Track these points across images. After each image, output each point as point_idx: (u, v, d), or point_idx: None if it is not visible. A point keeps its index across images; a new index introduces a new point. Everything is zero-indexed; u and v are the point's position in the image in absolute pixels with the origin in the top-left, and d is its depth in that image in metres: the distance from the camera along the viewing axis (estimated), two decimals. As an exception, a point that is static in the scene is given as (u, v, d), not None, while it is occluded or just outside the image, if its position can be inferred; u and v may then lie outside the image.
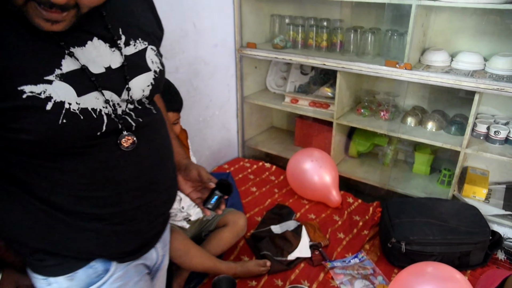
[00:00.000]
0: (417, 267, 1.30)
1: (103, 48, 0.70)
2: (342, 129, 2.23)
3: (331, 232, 1.86)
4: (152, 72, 0.78)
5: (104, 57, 0.70)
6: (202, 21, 2.00)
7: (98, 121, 0.68)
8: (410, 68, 1.76)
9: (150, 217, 0.83)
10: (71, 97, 0.65)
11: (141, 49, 0.77)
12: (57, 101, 0.63)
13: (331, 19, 2.18)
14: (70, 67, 0.65)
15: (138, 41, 0.76)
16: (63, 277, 0.76)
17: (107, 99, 0.69)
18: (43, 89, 0.62)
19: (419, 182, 2.13)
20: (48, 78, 0.63)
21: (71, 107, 0.64)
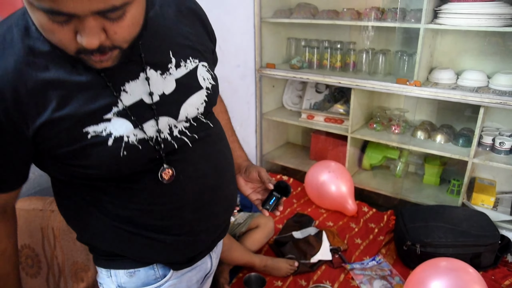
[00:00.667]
0: (431, 262, 1.43)
1: (155, 77, 0.74)
2: (355, 143, 2.38)
3: (349, 238, 1.98)
4: (205, 89, 0.81)
5: (157, 85, 0.74)
6: (227, 44, 2.19)
7: (156, 146, 0.74)
8: (419, 85, 1.92)
9: (210, 227, 0.87)
10: (128, 131, 0.71)
11: (192, 68, 0.80)
12: (117, 136, 0.70)
13: (344, 41, 2.37)
14: (126, 102, 0.71)
15: (189, 60, 0.80)
16: (123, 271, 0.83)
17: (163, 125, 0.75)
18: (104, 127, 0.69)
19: (429, 192, 2.26)
20: (107, 117, 0.69)
21: (129, 140, 0.71)
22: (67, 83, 0.66)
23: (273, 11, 2.41)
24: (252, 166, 1.01)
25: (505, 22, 1.74)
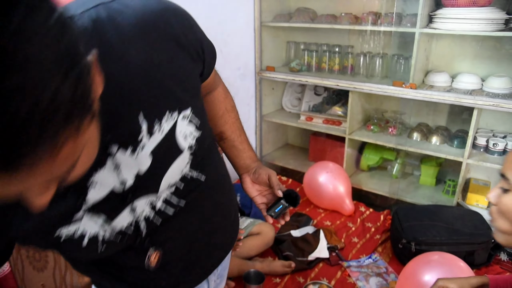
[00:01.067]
0: (423, 256, 1.47)
1: (126, 158, 0.60)
2: (353, 144, 2.43)
3: (346, 237, 2.03)
4: (187, 150, 0.66)
5: (129, 168, 0.61)
6: (228, 47, 2.25)
7: (137, 232, 0.66)
8: (415, 88, 1.98)
9: (205, 266, 0.83)
10: (104, 226, 0.62)
11: (169, 129, 0.63)
12: (91, 235, 0.61)
13: (343, 45, 2.42)
14: (96, 197, 0.60)
15: (165, 118, 0.62)
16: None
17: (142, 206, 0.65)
18: (76, 228, 0.60)
19: (425, 192, 2.31)
20: (77, 217, 0.59)
21: (105, 236, 0.63)
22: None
23: (273, 16, 2.47)
24: (262, 168, 0.94)
25: (498, 26, 1.80)
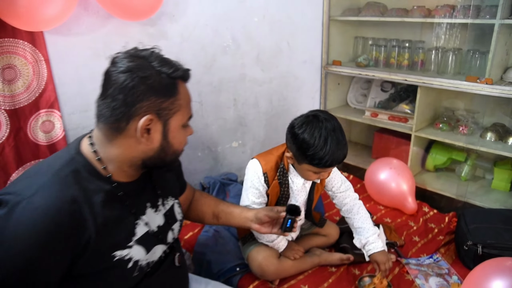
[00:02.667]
0: (494, 261, 1.38)
1: (152, 213, 1.02)
2: (419, 142, 2.35)
3: (406, 235, 1.97)
4: (178, 221, 1.13)
5: (155, 220, 1.02)
6: (295, 40, 2.29)
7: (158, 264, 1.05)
8: (491, 83, 1.87)
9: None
10: (141, 256, 0.95)
11: (171, 205, 1.11)
12: (134, 259, 0.93)
13: (413, 40, 2.35)
14: (140, 233, 0.95)
15: (170, 198, 1.11)
16: None
17: (159, 251, 1.04)
18: (126, 253, 0.91)
19: (498, 197, 2.17)
20: (129, 244, 0.92)
21: (140, 263, 0.95)
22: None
23: (342, 10, 2.47)
24: (257, 213, 1.29)
25: None
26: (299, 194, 1.53)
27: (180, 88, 0.92)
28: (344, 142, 1.32)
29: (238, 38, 2.00)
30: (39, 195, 0.79)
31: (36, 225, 0.76)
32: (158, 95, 0.87)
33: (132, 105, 0.85)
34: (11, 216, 0.77)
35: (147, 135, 0.89)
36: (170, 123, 0.91)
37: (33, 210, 0.77)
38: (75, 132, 1.57)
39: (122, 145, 0.90)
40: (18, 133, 1.44)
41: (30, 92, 1.43)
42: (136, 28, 1.62)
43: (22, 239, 0.76)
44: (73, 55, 1.50)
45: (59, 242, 0.79)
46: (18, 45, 1.37)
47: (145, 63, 0.88)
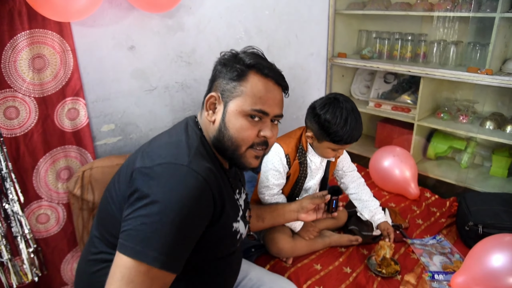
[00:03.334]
0: (494, 237, 1.48)
1: (240, 197, 1.17)
2: (422, 131, 2.45)
3: (410, 218, 2.07)
4: (249, 209, 1.30)
5: (242, 204, 1.19)
6: (303, 32, 2.37)
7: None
8: (491, 74, 1.97)
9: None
10: (243, 230, 1.12)
11: (246, 194, 1.27)
12: (240, 232, 1.11)
13: (415, 33, 2.44)
14: (240, 211, 1.13)
15: (243, 189, 1.25)
16: None
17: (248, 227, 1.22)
18: (237, 225, 1.08)
19: (496, 183, 2.27)
20: (238, 218, 1.10)
21: (242, 236, 1.13)
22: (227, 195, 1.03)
23: (347, 4, 2.55)
24: (301, 203, 1.47)
25: None
26: (317, 172, 1.68)
27: (250, 77, 1.00)
28: (360, 121, 1.48)
29: (250, 30, 2.08)
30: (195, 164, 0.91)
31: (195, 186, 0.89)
32: (226, 77, 1.00)
33: (211, 82, 1.05)
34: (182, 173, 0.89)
35: (212, 112, 1.03)
36: (229, 106, 1.00)
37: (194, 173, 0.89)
38: (98, 119, 1.65)
39: (204, 119, 1.05)
40: (46, 120, 1.50)
41: (57, 80, 1.50)
42: (155, 20, 1.69)
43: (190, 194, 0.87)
44: (97, 45, 1.57)
45: (209, 200, 0.92)
46: (47, 36, 1.43)
47: (234, 53, 1.05)
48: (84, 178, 1.45)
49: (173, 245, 0.84)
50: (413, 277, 1.60)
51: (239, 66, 0.99)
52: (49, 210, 1.57)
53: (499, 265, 1.36)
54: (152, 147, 1.01)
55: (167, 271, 0.84)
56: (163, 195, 0.85)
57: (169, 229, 0.83)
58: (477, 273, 1.40)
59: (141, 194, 0.87)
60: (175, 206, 0.84)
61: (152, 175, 0.89)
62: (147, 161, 0.94)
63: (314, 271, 1.63)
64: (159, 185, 0.87)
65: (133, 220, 0.85)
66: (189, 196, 0.86)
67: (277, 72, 1.05)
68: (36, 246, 1.55)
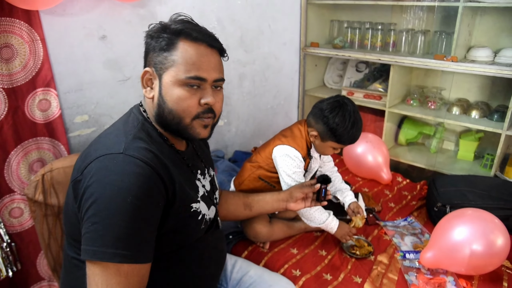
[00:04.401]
0: (458, 212, 1.56)
1: (202, 179, 1.14)
2: (393, 118, 2.53)
3: (383, 202, 2.14)
4: (218, 190, 1.27)
5: (206, 184, 1.15)
6: (276, 22, 2.40)
7: (212, 223, 1.16)
8: (456, 61, 2.05)
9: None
10: (205, 211, 1.07)
11: (212, 175, 1.24)
12: (203, 213, 1.05)
13: (385, 22, 2.51)
14: (201, 192, 1.08)
15: (210, 169, 1.23)
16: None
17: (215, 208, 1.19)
18: (198, 206, 1.03)
19: (463, 166, 2.38)
20: (198, 199, 1.04)
21: (206, 217, 1.07)
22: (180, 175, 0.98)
23: (319, -6, 2.59)
24: (290, 193, 1.48)
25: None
26: (315, 166, 1.79)
27: (180, 45, 0.94)
28: (362, 123, 1.63)
29: (222, 20, 2.08)
30: (132, 150, 0.88)
31: (135, 171, 0.84)
32: (155, 49, 0.96)
33: (144, 58, 1.01)
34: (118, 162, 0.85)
35: (150, 89, 1.00)
36: (163, 78, 0.95)
37: (132, 158, 0.86)
38: (70, 111, 1.62)
39: (146, 100, 1.04)
40: (16, 111, 1.48)
41: (27, 71, 1.47)
42: (127, 10, 1.68)
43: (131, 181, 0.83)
44: (67, 35, 1.54)
45: (156, 182, 0.88)
46: (15, 25, 1.40)
47: (162, 23, 0.98)
48: (44, 182, 1.36)
49: (128, 236, 0.81)
50: (385, 257, 1.67)
51: (166, 35, 0.94)
52: (23, 204, 1.55)
53: (462, 237, 1.44)
54: (90, 144, 0.99)
55: (134, 263, 0.82)
56: (104, 190, 0.82)
57: (120, 221, 0.80)
58: (442, 247, 1.48)
59: (85, 196, 0.84)
60: (118, 197, 0.81)
61: (90, 172, 0.85)
62: (85, 160, 0.90)
63: (291, 255, 1.67)
64: (98, 180, 0.83)
65: (85, 223, 0.83)
66: (132, 183, 0.82)
67: (208, 35, 0.98)
68: (10, 241, 1.53)
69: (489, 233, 1.44)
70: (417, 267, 1.59)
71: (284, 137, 1.68)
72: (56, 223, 1.41)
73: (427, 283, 1.48)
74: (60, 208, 1.39)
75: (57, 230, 1.42)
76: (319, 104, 1.63)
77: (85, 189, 0.85)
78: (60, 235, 1.42)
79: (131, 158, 0.86)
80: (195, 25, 0.99)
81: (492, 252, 1.42)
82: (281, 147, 1.64)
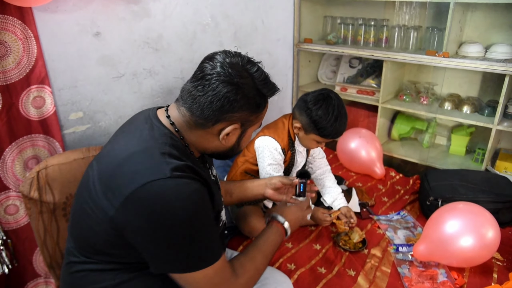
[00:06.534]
0: (449, 205, 1.60)
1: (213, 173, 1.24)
2: (386, 113, 2.55)
3: (376, 197, 2.17)
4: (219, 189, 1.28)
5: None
6: (269, 18, 2.40)
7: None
8: (447, 56, 2.07)
9: None
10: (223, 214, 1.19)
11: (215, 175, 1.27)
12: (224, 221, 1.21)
13: (378, 18, 2.52)
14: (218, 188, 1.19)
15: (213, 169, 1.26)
16: None
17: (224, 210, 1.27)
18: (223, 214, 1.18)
19: (455, 160, 2.41)
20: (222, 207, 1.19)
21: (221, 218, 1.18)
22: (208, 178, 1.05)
23: (312, -10, 2.60)
24: (269, 178, 1.44)
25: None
26: (301, 161, 1.78)
27: (266, 104, 1.05)
28: (347, 118, 1.60)
29: (216, 16, 2.08)
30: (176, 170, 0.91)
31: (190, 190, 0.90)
32: (250, 110, 0.99)
33: (226, 113, 0.96)
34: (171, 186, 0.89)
35: (226, 137, 1.02)
36: (247, 132, 1.07)
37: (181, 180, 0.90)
38: (65, 107, 1.62)
39: (200, 136, 1.02)
40: (10, 108, 1.47)
41: (21, 68, 1.47)
42: (121, 6, 1.67)
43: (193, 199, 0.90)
44: (61, 32, 1.54)
45: (205, 193, 0.96)
46: (8, 21, 1.40)
47: (250, 82, 0.98)
48: (40, 179, 1.35)
49: (212, 242, 0.94)
50: (379, 251, 1.70)
51: (262, 100, 1.02)
52: (18, 201, 1.55)
53: (454, 230, 1.47)
54: (121, 162, 0.94)
55: (220, 258, 0.96)
56: (175, 215, 0.87)
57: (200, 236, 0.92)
58: (434, 240, 1.51)
59: (153, 223, 0.87)
60: (191, 218, 0.89)
61: (145, 199, 0.87)
62: (127, 184, 0.89)
63: (286, 249, 1.69)
64: (163, 206, 0.87)
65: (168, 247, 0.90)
66: (191, 202, 0.89)
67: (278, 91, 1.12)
68: (5, 238, 1.53)
69: (480, 226, 1.47)
70: (409, 260, 1.62)
71: (267, 129, 1.70)
72: (51, 220, 1.42)
73: (420, 275, 1.51)
74: (56, 205, 1.40)
75: (52, 227, 1.43)
76: (304, 96, 1.63)
77: (147, 213, 0.87)
78: (56, 232, 1.43)
79: (180, 179, 0.89)
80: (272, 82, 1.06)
81: (483, 245, 1.46)
82: (262, 138, 1.67)
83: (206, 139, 1.03)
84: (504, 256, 1.64)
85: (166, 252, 0.90)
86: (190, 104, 0.97)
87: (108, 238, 0.94)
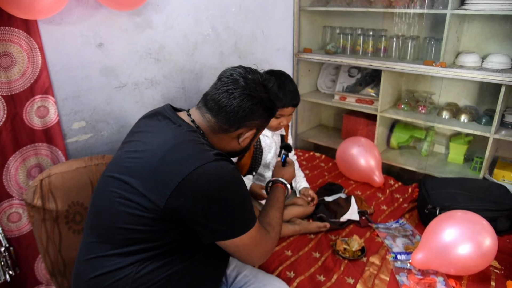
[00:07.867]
0: (447, 214, 1.61)
1: None
2: (384, 122, 2.58)
3: (375, 205, 2.18)
4: None
5: None
6: (269, 29, 2.44)
7: None
8: (445, 66, 2.10)
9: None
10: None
11: None
12: None
13: (376, 29, 2.56)
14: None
15: None
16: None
17: None
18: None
19: (453, 168, 2.43)
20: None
21: None
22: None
23: (311, 1, 2.64)
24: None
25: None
26: (271, 146, 1.91)
27: (277, 112, 1.28)
28: (295, 86, 1.76)
29: (217, 27, 2.12)
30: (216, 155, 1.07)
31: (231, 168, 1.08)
32: (265, 118, 1.22)
33: (247, 120, 1.16)
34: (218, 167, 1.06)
35: (242, 139, 1.21)
36: (258, 133, 1.26)
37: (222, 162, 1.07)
38: (68, 117, 1.65)
39: (221, 139, 1.19)
40: (14, 118, 1.50)
41: (26, 78, 1.50)
42: (123, 18, 1.71)
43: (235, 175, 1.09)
44: (65, 43, 1.57)
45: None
46: (14, 33, 1.43)
47: (266, 95, 1.18)
48: (43, 187, 1.39)
49: (251, 209, 1.13)
50: (377, 259, 1.71)
51: (273, 110, 1.22)
52: (21, 209, 1.57)
53: (452, 238, 1.48)
54: (163, 156, 1.05)
55: (257, 220, 1.15)
56: (227, 192, 1.05)
57: (244, 203, 1.11)
58: (433, 248, 1.52)
59: (210, 200, 1.02)
60: (239, 191, 1.09)
61: (202, 175, 1.01)
62: (177, 172, 1.01)
63: (285, 257, 1.70)
64: (214, 186, 1.02)
65: (216, 216, 1.04)
66: (235, 178, 1.08)
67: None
68: (8, 245, 1.55)
69: (478, 234, 1.48)
70: (408, 268, 1.63)
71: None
72: (54, 227, 1.44)
73: (418, 283, 1.52)
74: (58, 213, 1.42)
75: (55, 234, 1.45)
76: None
77: (200, 195, 1.01)
78: (58, 239, 1.45)
79: (222, 162, 1.07)
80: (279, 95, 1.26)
81: (481, 253, 1.47)
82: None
83: (226, 142, 1.20)
84: (502, 264, 1.66)
85: (220, 223, 1.05)
86: (217, 112, 1.14)
87: (147, 227, 1.05)
